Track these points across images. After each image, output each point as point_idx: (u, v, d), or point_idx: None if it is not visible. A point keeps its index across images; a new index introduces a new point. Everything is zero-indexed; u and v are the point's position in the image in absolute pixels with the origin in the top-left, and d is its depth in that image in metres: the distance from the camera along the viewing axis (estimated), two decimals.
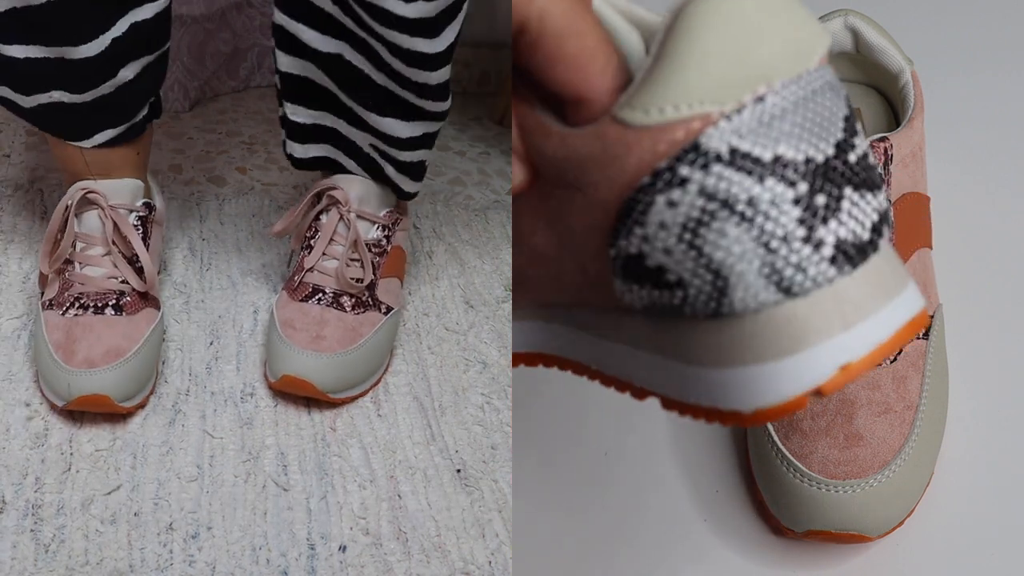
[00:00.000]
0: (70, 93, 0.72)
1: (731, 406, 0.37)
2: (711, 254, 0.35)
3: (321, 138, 0.81)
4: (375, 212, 0.81)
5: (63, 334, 0.72)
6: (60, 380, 0.70)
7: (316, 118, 0.80)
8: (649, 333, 0.39)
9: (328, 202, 0.80)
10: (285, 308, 0.77)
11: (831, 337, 0.35)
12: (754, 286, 0.35)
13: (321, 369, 0.73)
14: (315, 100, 0.79)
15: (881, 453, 0.59)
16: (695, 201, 0.34)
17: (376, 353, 0.78)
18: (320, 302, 0.77)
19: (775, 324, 0.35)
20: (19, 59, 0.70)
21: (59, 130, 0.76)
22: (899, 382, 0.61)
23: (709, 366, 0.37)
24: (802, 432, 0.61)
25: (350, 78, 0.76)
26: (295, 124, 0.80)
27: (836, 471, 0.59)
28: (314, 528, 0.67)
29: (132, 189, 0.77)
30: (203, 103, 1.17)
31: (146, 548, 0.64)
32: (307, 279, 0.79)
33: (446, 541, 0.67)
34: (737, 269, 0.35)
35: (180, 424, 0.73)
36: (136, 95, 0.77)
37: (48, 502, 0.66)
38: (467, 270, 0.95)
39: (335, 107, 0.79)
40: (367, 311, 0.79)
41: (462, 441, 0.75)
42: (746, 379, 0.36)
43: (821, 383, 0.35)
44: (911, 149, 0.65)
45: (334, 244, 0.79)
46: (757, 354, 0.36)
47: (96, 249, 0.75)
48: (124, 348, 0.71)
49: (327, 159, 0.82)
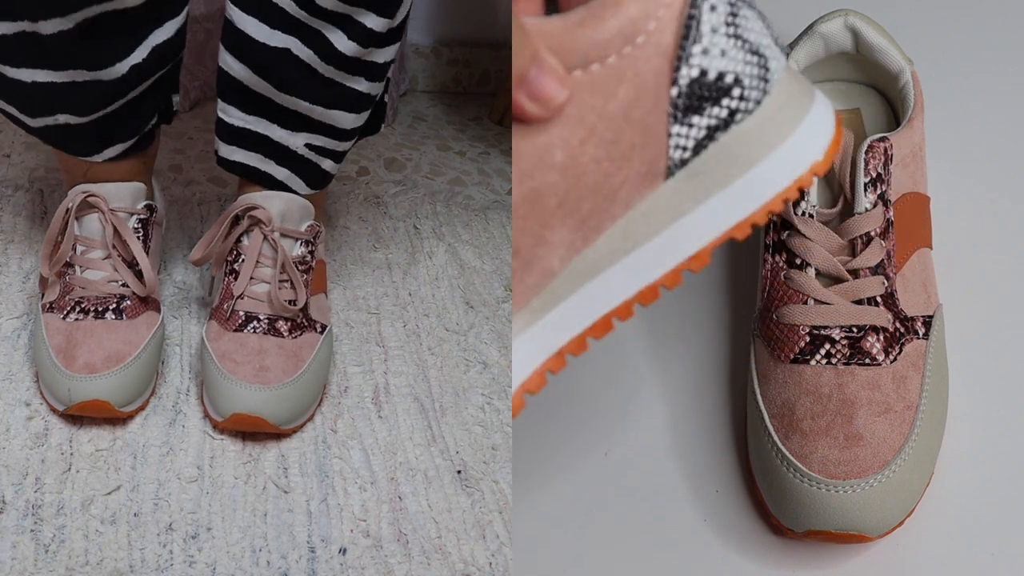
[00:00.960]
0: (76, 116, 0.72)
1: (776, 187, 0.49)
2: (749, 38, 0.47)
3: (249, 144, 0.79)
4: (297, 228, 0.78)
5: (64, 338, 0.72)
6: (60, 385, 0.70)
7: (247, 123, 0.78)
8: (674, 194, 0.48)
9: (249, 223, 0.76)
10: (219, 340, 0.74)
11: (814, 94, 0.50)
12: (776, 55, 0.48)
13: (271, 402, 0.70)
14: (249, 104, 0.77)
15: (881, 453, 0.59)
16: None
17: (319, 376, 0.75)
18: (256, 330, 0.74)
19: (790, 85, 0.49)
20: (26, 83, 0.69)
21: (68, 148, 0.76)
22: (899, 382, 0.61)
23: (754, 164, 0.48)
24: (802, 432, 0.61)
25: (295, 77, 0.74)
26: (224, 124, 0.79)
27: (836, 471, 0.59)
28: (314, 530, 0.67)
29: (134, 192, 0.77)
30: (203, 103, 1.17)
31: (146, 548, 0.64)
32: (238, 307, 0.75)
33: (447, 543, 0.67)
34: (764, 43, 0.47)
35: (180, 424, 0.73)
36: (147, 107, 0.76)
37: (48, 502, 0.66)
38: (467, 270, 0.95)
39: (269, 112, 0.77)
40: (304, 332, 0.76)
41: (463, 442, 0.75)
42: (788, 147, 0.49)
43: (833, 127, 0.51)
44: (911, 149, 0.65)
45: (261, 267, 0.76)
46: (793, 119, 0.49)
47: (96, 252, 0.75)
48: (125, 353, 0.71)
49: (251, 167, 0.79)
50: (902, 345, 0.62)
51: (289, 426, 0.72)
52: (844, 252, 0.63)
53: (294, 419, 0.73)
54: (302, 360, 0.74)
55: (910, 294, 0.64)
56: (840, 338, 0.62)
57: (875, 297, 0.62)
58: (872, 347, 0.61)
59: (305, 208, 0.78)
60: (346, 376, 0.80)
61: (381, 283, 0.92)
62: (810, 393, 0.61)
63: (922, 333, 0.63)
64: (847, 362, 0.61)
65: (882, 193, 0.63)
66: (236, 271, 0.76)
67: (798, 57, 0.69)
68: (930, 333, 0.64)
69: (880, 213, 0.63)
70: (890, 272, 0.63)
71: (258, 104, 0.77)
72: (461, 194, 1.09)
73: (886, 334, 0.62)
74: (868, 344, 0.61)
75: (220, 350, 0.73)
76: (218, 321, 0.75)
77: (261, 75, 0.75)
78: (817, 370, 0.62)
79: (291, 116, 0.77)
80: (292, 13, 0.72)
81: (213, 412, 0.72)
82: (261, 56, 0.74)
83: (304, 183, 0.80)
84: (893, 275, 0.63)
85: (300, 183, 0.80)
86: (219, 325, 0.75)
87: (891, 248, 0.63)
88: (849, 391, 0.61)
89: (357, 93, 0.77)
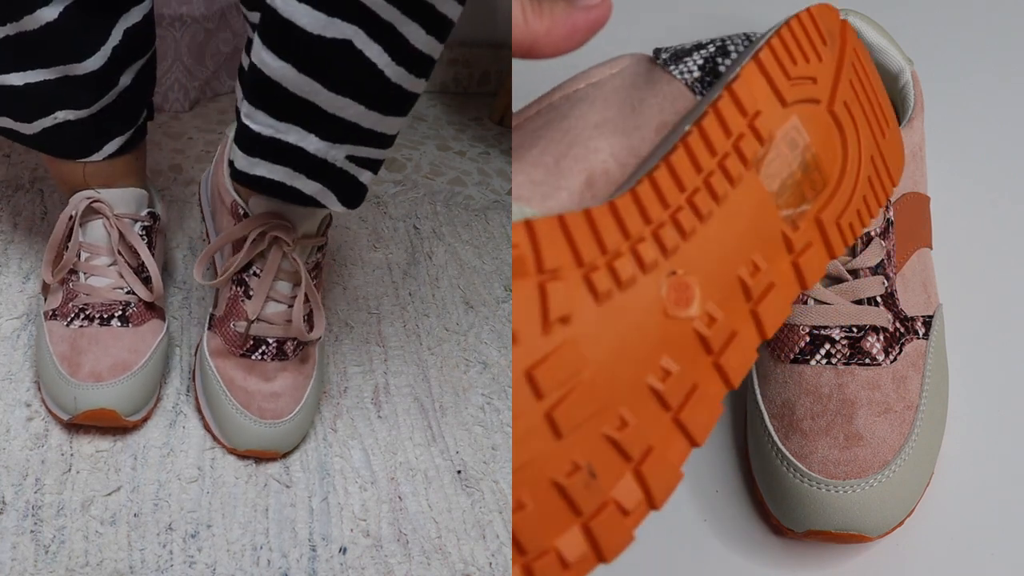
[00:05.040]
0: (76, 110, 0.71)
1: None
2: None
3: (276, 156, 0.65)
4: (314, 233, 0.73)
5: (68, 346, 0.71)
6: (66, 394, 0.69)
7: (278, 131, 0.64)
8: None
9: (271, 241, 0.70)
10: (226, 363, 0.72)
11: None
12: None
13: (284, 436, 0.70)
14: (284, 109, 0.63)
15: (881, 453, 0.59)
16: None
17: (318, 390, 0.75)
18: (264, 356, 0.72)
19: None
20: (19, 86, 0.69)
21: (67, 150, 0.74)
22: (899, 382, 0.61)
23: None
24: (802, 432, 0.61)
25: (353, 77, 0.61)
26: (248, 131, 0.64)
27: (836, 471, 0.59)
28: (315, 530, 0.67)
29: (137, 198, 0.76)
30: (203, 103, 1.17)
31: (146, 549, 0.64)
32: (252, 331, 0.71)
33: (447, 543, 0.67)
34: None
35: (181, 425, 0.73)
36: (136, 99, 0.76)
37: (48, 503, 0.66)
38: (467, 270, 0.95)
39: (309, 119, 0.63)
40: (305, 347, 0.75)
41: (463, 442, 0.75)
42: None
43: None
44: (911, 149, 0.65)
45: (278, 283, 0.72)
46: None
47: (102, 259, 0.74)
48: (131, 362, 0.71)
49: (276, 183, 0.66)
50: (902, 345, 0.62)
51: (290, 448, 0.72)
52: (844, 252, 0.63)
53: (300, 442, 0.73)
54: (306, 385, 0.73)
55: (910, 294, 0.64)
56: (840, 338, 0.62)
57: (875, 297, 0.62)
58: (872, 347, 0.61)
59: (314, 213, 0.73)
60: (346, 376, 0.80)
61: (381, 283, 0.92)
62: (810, 393, 0.61)
63: (922, 333, 0.63)
64: (847, 362, 0.61)
65: None
66: (245, 282, 0.72)
67: None
68: (930, 333, 0.64)
69: (880, 213, 0.63)
70: (890, 272, 0.63)
71: (296, 109, 0.63)
72: (461, 194, 1.09)
73: (886, 334, 0.62)
74: (868, 344, 0.61)
75: (230, 377, 0.71)
76: (224, 338, 0.73)
77: (309, 73, 0.61)
78: (817, 370, 0.62)
79: (335, 124, 0.63)
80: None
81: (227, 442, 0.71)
82: (312, 50, 0.60)
83: (338, 199, 0.68)
84: (893, 275, 0.63)
85: (333, 199, 0.68)
86: (225, 344, 0.73)
87: (891, 248, 0.63)
88: (849, 391, 0.61)
89: (413, 95, 0.65)
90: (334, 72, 0.61)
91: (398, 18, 0.59)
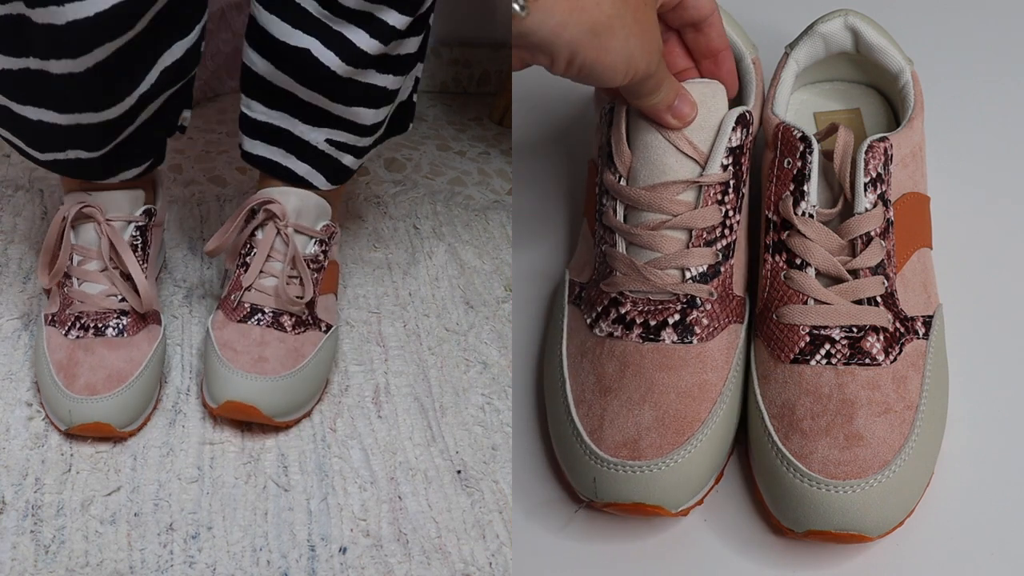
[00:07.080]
0: (87, 152, 0.70)
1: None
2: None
3: (272, 139, 0.79)
4: (312, 226, 0.78)
5: (65, 355, 0.71)
6: (61, 405, 0.69)
7: (271, 117, 0.78)
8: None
9: (264, 216, 0.77)
10: (223, 329, 0.75)
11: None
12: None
13: (265, 393, 0.71)
14: (272, 99, 0.78)
15: (881, 453, 0.59)
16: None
17: (318, 373, 0.76)
18: (260, 322, 0.75)
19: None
20: (32, 120, 0.67)
21: (80, 176, 0.74)
22: (899, 382, 0.61)
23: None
24: (802, 432, 0.61)
25: (315, 75, 0.74)
26: (248, 118, 0.79)
27: (836, 471, 0.59)
28: (314, 529, 0.67)
29: (132, 199, 0.76)
30: (203, 103, 1.17)
31: (146, 549, 0.64)
32: (245, 298, 0.76)
33: (447, 542, 0.67)
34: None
35: (181, 425, 0.73)
36: (159, 128, 0.75)
37: (48, 503, 0.66)
38: (467, 270, 0.95)
39: (292, 107, 0.77)
40: (307, 330, 0.76)
41: (463, 442, 0.75)
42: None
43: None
44: (911, 149, 0.65)
45: (272, 261, 0.76)
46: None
47: (93, 264, 0.74)
48: (126, 373, 0.71)
49: (273, 162, 0.80)
50: (902, 345, 0.62)
51: (284, 419, 0.73)
52: (844, 252, 0.63)
53: (289, 413, 0.73)
54: (302, 356, 0.74)
55: (910, 294, 0.64)
56: (840, 338, 0.62)
57: (875, 297, 0.62)
58: (872, 347, 0.61)
59: (321, 207, 0.79)
60: (346, 375, 0.80)
61: (381, 283, 0.92)
62: (810, 393, 0.61)
63: (922, 333, 0.63)
64: (847, 362, 0.61)
65: (882, 193, 0.63)
66: (247, 263, 0.77)
67: (798, 57, 0.69)
68: (930, 333, 0.64)
69: (880, 213, 0.63)
70: (890, 272, 0.63)
71: (281, 99, 0.77)
72: (461, 194, 1.09)
73: (886, 334, 0.62)
74: (868, 344, 0.61)
75: (222, 338, 0.74)
76: (224, 311, 0.76)
77: (283, 71, 0.75)
78: (817, 370, 0.62)
79: (312, 111, 0.77)
80: (314, 14, 0.72)
81: (209, 399, 0.73)
82: (282, 53, 0.74)
83: (324, 178, 0.81)
84: (893, 275, 0.63)
85: (320, 178, 0.80)
86: (225, 315, 0.76)
87: (891, 248, 0.63)
88: (849, 391, 0.61)
89: (380, 89, 0.77)
90: (301, 70, 0.75)
91: (347, 27, 0.72)
